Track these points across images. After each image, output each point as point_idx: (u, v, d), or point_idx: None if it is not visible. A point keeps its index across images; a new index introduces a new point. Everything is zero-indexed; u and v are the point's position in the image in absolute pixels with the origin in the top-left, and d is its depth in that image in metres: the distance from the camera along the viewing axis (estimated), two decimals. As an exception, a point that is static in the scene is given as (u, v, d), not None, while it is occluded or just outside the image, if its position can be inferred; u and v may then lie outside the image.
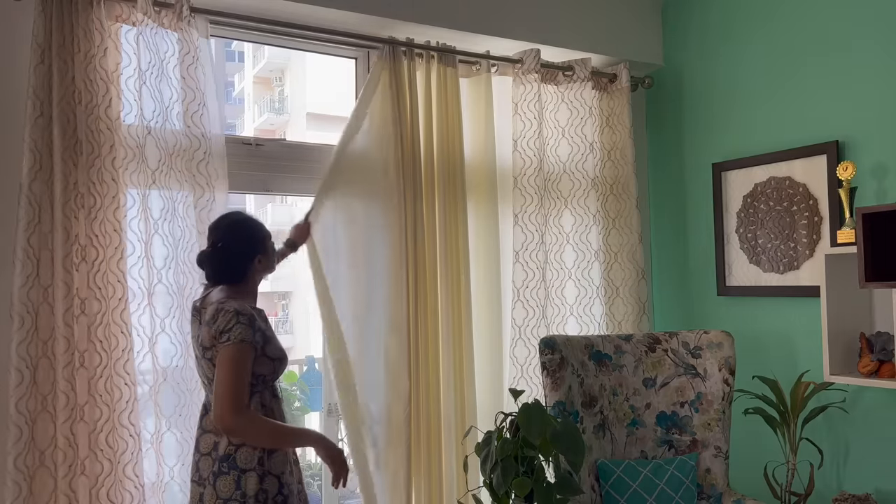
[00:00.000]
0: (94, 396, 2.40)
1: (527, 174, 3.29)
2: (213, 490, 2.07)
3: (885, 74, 2.86)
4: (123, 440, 2.42)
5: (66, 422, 2.35)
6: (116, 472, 2.40)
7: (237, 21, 2.76)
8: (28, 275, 2.32)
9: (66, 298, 2.37)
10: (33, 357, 2.33)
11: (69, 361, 2.36)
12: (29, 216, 2.33)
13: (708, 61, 3.54)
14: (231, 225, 2.27)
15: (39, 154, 2.35)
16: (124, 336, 2.44)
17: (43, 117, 2.36)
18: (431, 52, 3.12)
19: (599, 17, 3.54)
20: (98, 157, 2.45)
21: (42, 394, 2.35)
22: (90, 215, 2.42)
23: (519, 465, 2.34)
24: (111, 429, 2.41)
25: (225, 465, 2.07)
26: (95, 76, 2.46)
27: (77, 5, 2.44)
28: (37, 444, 2.33)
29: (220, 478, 2.07)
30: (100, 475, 2.39)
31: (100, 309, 2.42)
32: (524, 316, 3.24)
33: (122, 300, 2.45)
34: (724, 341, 2.96)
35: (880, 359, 2.73)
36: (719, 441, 2.89)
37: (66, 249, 2.38)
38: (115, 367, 2.42)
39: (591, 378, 2.92)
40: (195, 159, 2.58)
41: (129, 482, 2.42)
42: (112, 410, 2.41)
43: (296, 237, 2.78)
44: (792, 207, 3.16)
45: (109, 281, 2.44)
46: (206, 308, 2.17)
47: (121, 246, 2.46)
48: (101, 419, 2.40)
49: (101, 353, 2.41)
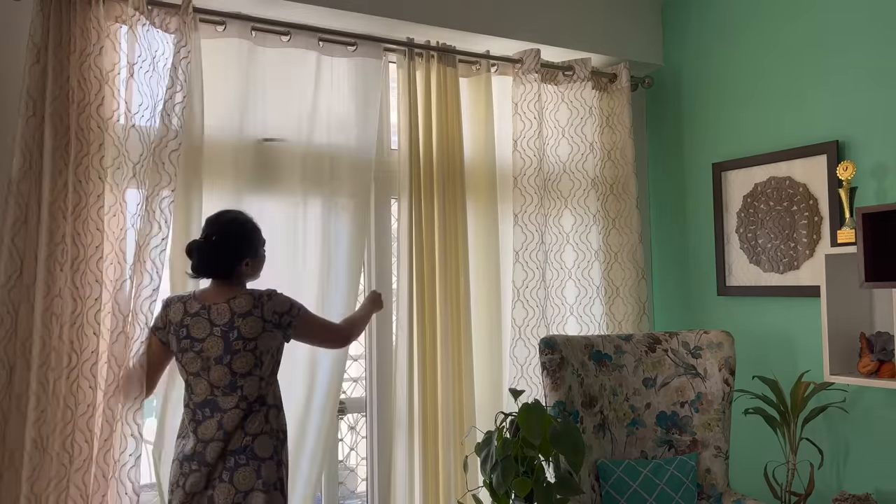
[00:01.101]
0: (58, 399, 2.32)
1: (527, 174, 3.29)
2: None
3: (884, 74, 2.86)
4: (79, 445, 2.33)
5: (35, 423, 2.28)
6: (70, 477, 2.32)
7: (236, 21, 2.76)
8: (10, 274, 2.30)
9: (46, 298, 2.32)
10: (10, 357, 2.30)
11: (44, 362, 2.31)
12: (15, 215, 2.31)
13: (708, 61, 3.54)
14: (228, 222, 2.28)
15: (30, 154, 2.34)
16: (95, 337, 2.38)
17: (35, 117, 2.35)
18: (431, 52, 3.12)
19: (599, 17, 3.54)
20: (87, 155, 2.42)
21: (17, 394, 2.30)
22: (74, 213, 2.39)
23: (519, 465, 2.34)
24: (70, 433, 2.33)
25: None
26: (89, 74, 2.44)
27: (76, 5, 2.43)
28: (6, 446, 2.29)
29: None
30: (51, 480, 2.30)
31: (75, 309, 2.36)
32: (524, 316, 3.24)
33: (97, 300, 2.39)
34: (724, 341, 2.96)
35: (880, 359, 2.73)
36: (719, 441, 2.89)
37: (51, 249, 2.35)
38: (81, 370, 2.34)
39: (591, 378, 2.92)
40: (170, 150, 2.52)
41: (75, 490, 2.32)
42: (74, 414, 2.33)
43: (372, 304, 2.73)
44: (792, 207, 3.16)
45: (88, 281, 2.39)
46: (212, 307, 2.18)
47: (101, 245, 2.42)
48: (63, 421, 2.32)
49: (71, 355, 2.34)
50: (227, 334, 2.16)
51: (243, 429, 2.15)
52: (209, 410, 2.16)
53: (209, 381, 2.17)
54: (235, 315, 2.17)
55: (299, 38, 2.87)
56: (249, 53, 2.79)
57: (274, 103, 2.84)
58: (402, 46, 3.07)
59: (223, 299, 2.19)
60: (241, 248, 2.26)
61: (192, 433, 2.17)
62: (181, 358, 2.21)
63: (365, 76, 3.01)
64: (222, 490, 2.12)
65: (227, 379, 2.16)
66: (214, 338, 2.17)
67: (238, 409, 2.15)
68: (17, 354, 2.31)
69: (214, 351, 2.16)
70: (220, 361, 2.16)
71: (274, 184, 2.83)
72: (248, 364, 2.17)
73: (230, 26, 2.75)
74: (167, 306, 2.26)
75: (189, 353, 2.19)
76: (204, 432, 2.15)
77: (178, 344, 2.20)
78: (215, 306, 2.19)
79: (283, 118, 2.85)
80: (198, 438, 2.15)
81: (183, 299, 2.25)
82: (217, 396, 2.16)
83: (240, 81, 2.77)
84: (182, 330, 2.20)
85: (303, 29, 2.86)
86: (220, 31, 2.75)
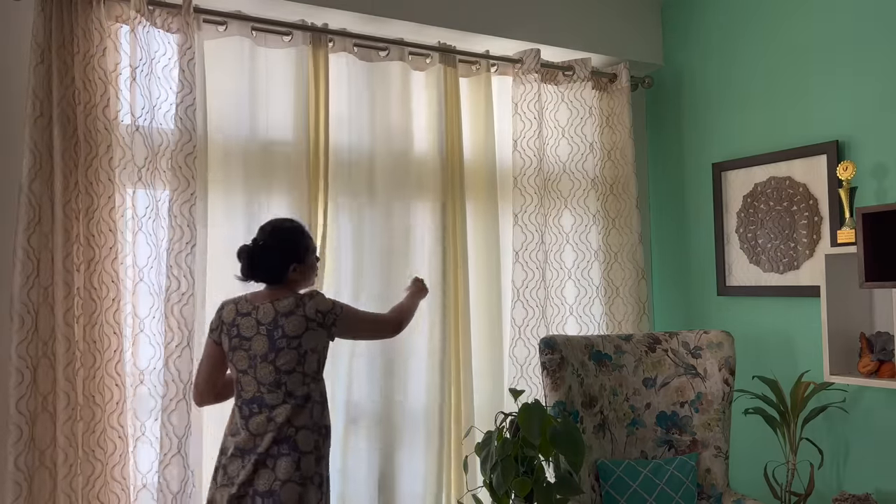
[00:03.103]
0: (88, 397, 2.41)
1: (527, 174, 3.29)
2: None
3: (885, 74, 2.86)
4: (112, 442, 2.43)
5: (66, 422, 2.35)
6: (105, 474, 2.41)
7: (233, 21, 2.76)
8: (28, 275, 2.32)
9: (67, 298, 2.37)
10: (33, 357, 2.33)
11: (69, 361, 2.37)
12: (29, 216, 2.33)
13: (708, 61, 3.54)
14: (274, 228, 2.36)
15: (39, 154, 2.35)
16: (116, 336, 2.45)
17: (43, 117, 2.36)
18: (430, 52, 3.12)
19: (599, 16, 3.54)
20: (95, 156, 2.45)
21: (42, 394, 2.35)
22: (87, 215, 2.43)
23: (519, 465, 2.34)
24: (102, 430, 2.41)
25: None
26: (94, 76, 2.46)
27: (76, 5, 2.44)
28: (36, 445, 2.33)
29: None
30: (90, 476, 2.39)
31: (95, 309, 2.43)
32: (524, 316, 3.24)
33: (115, 300, 2.46)
34: (724, 341, 2.96)
35: (880, 359, 2.73)
36: (719, 441, 2.89)
37: (67, 249, 2.38)
38: (106, 368, 2.43)
39: (591, 378, 2.92)
40: (184, 153, 2.55)
41: (116, 484, 2.42)
42: (103, 412, 2.42)
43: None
44: (792, 207, 3.16)
45: (104, 281, 2.45)
46: (259, 307, 2.27)
47: (115, 246, 2.47)
48: (94, 420, 2.41)
49: (95, 354, 2.42)
50: (271, 333, 2.24)
51: (290, 422, 2.23)
52: (257, 406, 2.24)
53: (256, 378, 2.25)
54: (279, 314, 2.25)
55: (300, 37, 2.87)
56: (251, 53, 2.79)
57: (276, 103, 2.84)
58: (402, 46, 3.07)
59: (270, 300, 2.29)
60: (286, 253, 2.32)
61: (243, 428, 2.25)
62: (232, 357, 2.29)
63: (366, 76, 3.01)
64: (264, 476, 2.20)
65: (272, 376, 2.24)
66: (261, 336, 2.25)
67: (285, 404, 2.23)
68: (39, 354, 2.34)
69: (261, 349, 2.24)
70: (265, 359, 2.24)
71: (278, 184, 2.83)
72: (292, 361, 2.24)
73: (231, 26, 2.75)
74: (221, 308, 2.35)
75: (239, 352, 2.27)
76: (255, 427, 2.23)
77: (230, 343, 2.29)
78: (262, 306, 2.28)
79: (285, 118, 2.85)
80: (250, 432, 2.23)
81: (236, 301, 2.34)
82: (263, 393, 2.24)
83: (241, 81, 2.78)
84: (233, 329, 2.29)
85: (303, 29, 2.86)
86: (222, 31, 2.75)
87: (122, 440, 2.44)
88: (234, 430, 2.28)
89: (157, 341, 2.52)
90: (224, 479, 2.23)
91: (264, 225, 2.37)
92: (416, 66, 3.12)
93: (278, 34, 2.84)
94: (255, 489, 2.19)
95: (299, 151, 2.83)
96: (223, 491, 2.22)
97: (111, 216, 2.47)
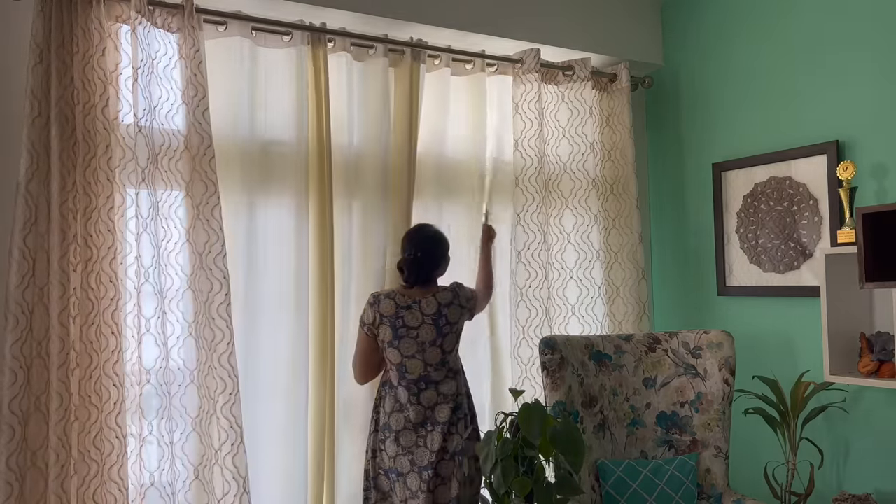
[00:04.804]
0: (84, 397, 2.39)
1: (528, 174, 3.29)
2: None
3: (884, 74, 2.86)
4: (110, 442, 2.42)
5: (59, 422, 2.33)
6: (102, 475, 2.40)
7: (233, 21, 2.76)
8: (23, 275, 2.31)
9: (62, 299, 2.36)
10: (27, 357, 2.32)
11: (63, 362, 2.35)
12: (25, 216, 2.32)
13: (708, 61, 3.54)
14: (427, 239, 2.74)
15: (37, 154, 2.35)
16: (114, 337, 2.44)
17: (41, 117, 2.36)
18: (431, 52, 3.12)
19: (599, 17, 3.54)
20: (94, 157, 2.44)
21: (35, 394, 2.34)
22: (86, 215, 2.42)
23: (519, 465, 2.34)
24: (98, 430, 2.40)
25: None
26: (93, 76, 2.45)
27: (76, 5, 2.43)
28: (29, 445, 2.32)
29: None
30: (86, 476, 2.38)
31: (92, 309, 2.41)
32: (527, 316, 3.24)
33: (112, 300, 2.44)
34: (724, 341, 2.96)
35: (880, 359, 2.73)
36: (719, 441, 2.89)
37: (64, 249, 2.37)
38: (104, 368, 2.42)
39: (592, 378, 2.92)
40: (207, 157, 2.56)
41: (113, 485, 2.41)
42: (100, 412, 2.41)
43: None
44: (792, 207, 3.16)
45: (102, 281, 2.43)
46: (421, 301, 2.64)
47: (114, 246, 2.45)
48: (90, 420, 2.39)
49: (92, 354, 2.41)
50: (437, 321, 2.65)
51: (458, 392, 2.67)
52: (424, 384, 2.62)
53: (424, 360, 2.62)
54: (442, 306, 2.67)
55: (299, 37, 2.86)
56: (251, 53, 2.79)
57: (275, 103, 2.84)
58: (403, 46, 3.07)
59: (429, 294, 2.68)
60: (441, 259, 2.76)
61: (412, 405, 2.61)
62: (397, 344, 2.62)
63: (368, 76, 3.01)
64: (453, 440, 2.61)
65: (438, 357, 2.64)
66: (427, 325, 2.63)
67: (448, 378, 2.66)
68: (33, 354, 2.34)
69: (428, 336, 2.63)
70: (433, 344, 2.64)
71: (276, 185, 2.83)
72: (452, 343, 2.70)
73: (231, 26, 2.75)
74: (376, 304, 2.67)
75: (406, 340, 2.62)
76: (426, 400, 2.62)
77: (395, 332, 2.62)
78: (424, 300, 2.66)
79: (284, 118, 2.85)
80: (422, 405, 2.61)
81: (390, 296, 2.66)
82: (430, 372, 2.63)
83: (241, 81, 2.78)
84: (398, 321, 2.63)
85: (302, 28, 2.86)
86: (222, 31, 2.75)
87: (120, 440, 2.43)
88: (398, 407, 2.62)
89: (161, 342, 2.51)
90: (399, 449, 2.59)
91: (414, 234, 2.75)
92: (417, 66, 3.11)
93: (278, 34, 2.84)
94: (449, 451, 2.59)
95: (299, 151, 2.83)
96: (402, 459, 2.58)
97: (110, 216, 2.46)
